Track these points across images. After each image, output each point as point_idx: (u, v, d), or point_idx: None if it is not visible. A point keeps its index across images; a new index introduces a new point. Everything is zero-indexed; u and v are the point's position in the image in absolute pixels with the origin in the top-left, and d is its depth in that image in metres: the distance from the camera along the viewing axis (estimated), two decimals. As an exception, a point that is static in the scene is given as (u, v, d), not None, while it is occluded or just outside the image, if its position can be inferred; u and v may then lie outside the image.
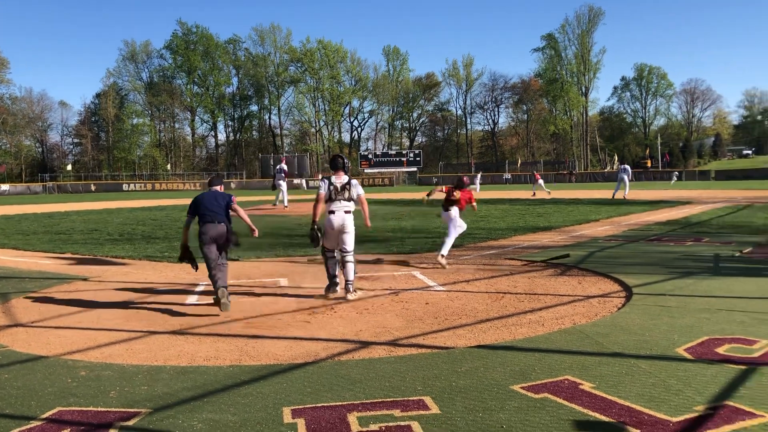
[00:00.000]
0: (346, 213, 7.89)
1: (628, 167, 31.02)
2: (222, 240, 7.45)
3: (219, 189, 7.95)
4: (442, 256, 10.21)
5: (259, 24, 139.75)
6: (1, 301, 8.00)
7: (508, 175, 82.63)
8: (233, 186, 75.86)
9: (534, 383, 4.27)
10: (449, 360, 4.94)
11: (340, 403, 3.98)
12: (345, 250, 7.90)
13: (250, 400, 4.10)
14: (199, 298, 8.04)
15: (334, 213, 7.86)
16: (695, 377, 4.29)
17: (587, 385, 4.18)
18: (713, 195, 32.78)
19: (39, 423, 3.81)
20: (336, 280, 7.99)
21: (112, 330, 6.44)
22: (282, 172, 25.60)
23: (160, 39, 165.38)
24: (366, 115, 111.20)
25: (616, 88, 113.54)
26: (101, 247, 13.41)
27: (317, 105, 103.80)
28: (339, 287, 7.98)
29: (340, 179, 7.97)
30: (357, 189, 8.04)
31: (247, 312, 7.12)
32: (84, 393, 4.34)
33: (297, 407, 3.93)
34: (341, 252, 7.94)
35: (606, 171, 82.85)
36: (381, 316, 6.80)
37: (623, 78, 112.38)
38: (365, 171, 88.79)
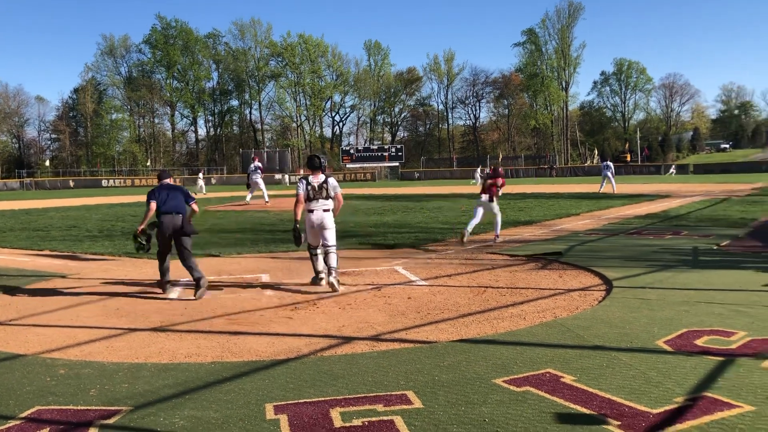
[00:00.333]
0: (324, 211, 8.10)
1: (610, 164, 32.13)
2: (181, 232, 7.97)
3: (170, 182, 8.48)
4: (464, 233, 12.00)
5: (239, 18, 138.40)
6: (-22, 299, 7.88)
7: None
8: (213, 182, 75.22)
9: (516, 377, 4.29)
10: (432, 354, 4.95)
11: (322, 399, 3.97)
12: (327, 244, 8.07)
13: (232, 396, 4.08)
14: (181, 294, 7.98)
15: (313, 212, 8.09)
16: (675, 369, 4.34)
17: (568, 378, 4.21)
18: (691, 189, 33.15)
19: (17, 422, 3.76)
20: (321, 275, 8.23)
21: (91, 327, 6.38)
22: (257, 170, 25.62)
23: (138, 33, 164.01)
24: (347, 110, 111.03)
25: (595, 82, 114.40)
26: (80, 244, 13.26)
27: (298, 100, 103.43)
28: (324, 282, 8.17)
29: (317, 179, 8.17)
30: (334, 186, 8.23)
31: (229, 308, 7.08)
32: (63, 391, 4.29)
33: (279, 403, 3.92)
34: (324, 246, 8.11)
35: (586, 165, 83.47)
36: (363, 311, 6.79)
37: (603, 73, 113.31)
38: (347, 166, 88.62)
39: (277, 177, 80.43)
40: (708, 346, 4.87)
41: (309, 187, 8.10)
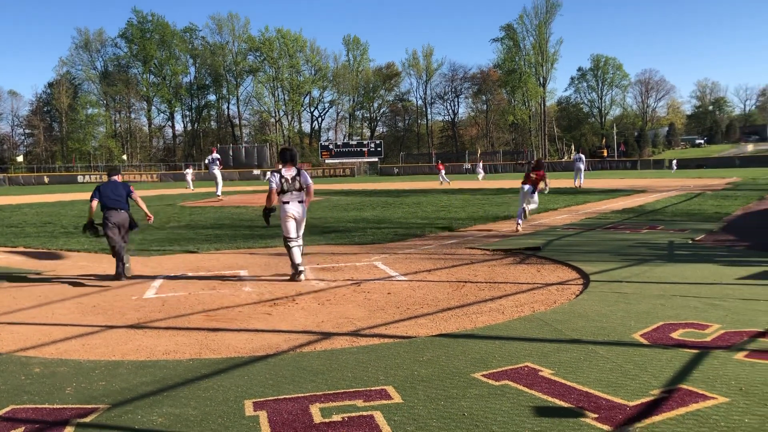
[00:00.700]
0: (299, 202, 8.34)
1: (582, 156, 32.35)
2: (124, 224, 8.75)
3: (117, 179, 9.14)
4: (517, 223, 13.05)
5: (217, 13, 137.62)
6: (-50, 298, 7.74)
7: (468, 165, 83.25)
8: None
9: (495, 371, 4.31)
10: (411, 349, 4.95)
11: (302, 395, 3.96)
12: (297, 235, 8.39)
13: (211, 393, 4.05)
14: (158, 291, 7.90)
15: (288, 203, 8.27)
16: (651, 362, 4.39)
17: (547, 372, 4.24)
18: (667, 184, 33.57)
19: (-9, 422, 3.70)
20: (300, 267, 8.31)
21: (67, 325, 6.29)
22: (215, 162, 25.42)
23: (114, 27, 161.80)
24: (326, 105, 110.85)
25: (573, 78, 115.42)
26: (55, 240, 13.07)
27: (276, 95, 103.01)
28: (304, 276, 8.32)
29: (290, 171, 8.32)
30: (306, 179, 8.39)
31: (207, 305, 7.03)
32: (38, 390, 4.23)
33: (258, 400, 3.90)
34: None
35: (564, 160, 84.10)
36: (343, 306, 6.79)
37: (580, 69, 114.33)
38: (326, 161, 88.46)
39: (256, 172, 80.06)
40: (683, 338, 4.93)
41: (282, 180, 8.25)
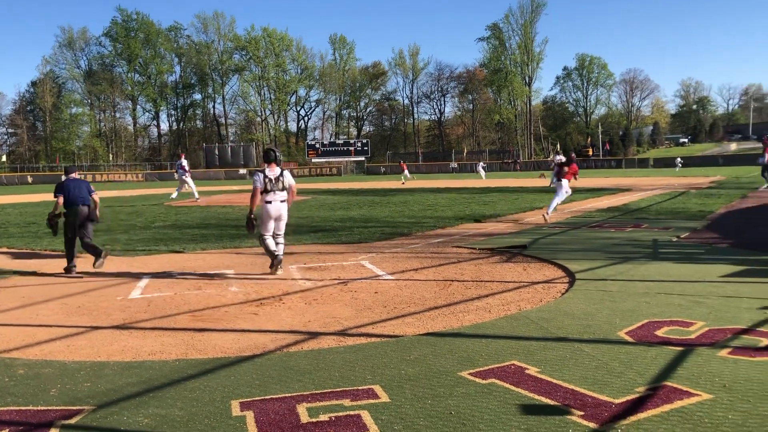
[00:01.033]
0: (281, 202, 8.60)
1: (561, 157, 33.04)
2: (87, 219, 9.25)
3: (75, 176, 9.73)
4: (546, 212, 14.57)
5: (202, 11, 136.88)
6: (-68, 299, 7.65)
7: (454, 164, 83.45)
8: (175, 177, 74.03)
9: (481, 369, 4.32)
10: (398, 348, 4.96)
11: (289, 395, 3.95)
12: (279, 234, 8.75)
13: (197, 394, 4.03)
14: (143, 291, 7.85)
15: (271, 203, 8.53)
16: (636, 359, 4.42)
17: (533, 370, 4.26)
18: (652, 182, 33.82)
19: (-25, 424, 3.66)
20: (276, 253, 8.64)
21: (52, 326, 6.24)
22: (180, 167, 25.49)
23: (98, 26, 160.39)
24: (313, 104, 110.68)
25: (558, 77, 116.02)
26: (39, 241, 12.95)
27: (263, 94, 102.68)
28: (281, 268, 8.69)
29: (273, 171, 8.59)
30: (289, 179, 8.69)
31: (193, 305, 7.00)
32: (23, 392, 4.19)
33: (245, 400, 3.89)
34: (275, 236, 8.72)
35: (549, 159, 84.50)
36: (330, 306, 6.78)
37: (565, 68, 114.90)
38: (313, 161, 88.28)
39: (242, 171, 79.77)
40: (668, 336, 4.97)
41: (266, 180, 8.49)
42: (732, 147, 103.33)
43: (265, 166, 8.65)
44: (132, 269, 9.35)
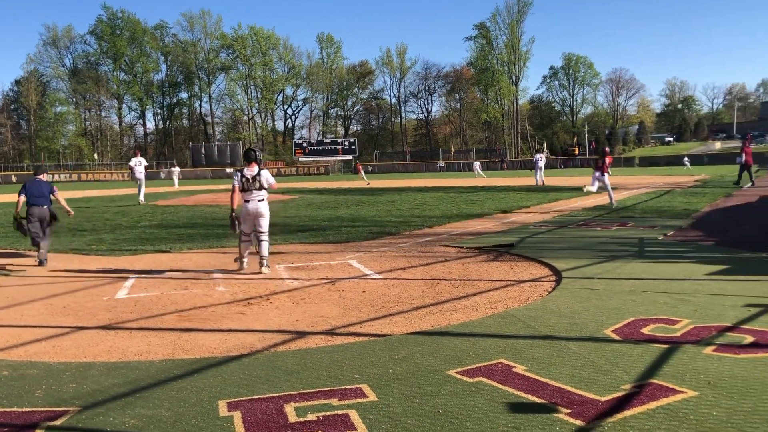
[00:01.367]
0: (259, 201, 8.77)
1: (543, 156, 34.33)
2: (46, 219, 9.99)
3: (42, 177, 10.33)
4: (613, 203, 17.53)
5: (188, 10, 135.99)
6: None
7: (442, 163, 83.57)
8: (162, 176, 73.63)
9: (469, 367, 4.33)
10: (386, 347, 4.96)
11: (276, 395, 3.94)
12: (260, 231, 8.82)
13: (184, 394, 4.01)
14: (130, 291, 7.80)
15: (249, 202, 8.76)
16: (622, 357, 4.45)
17: (520, 368, 4.28)
18: (637, 181, 34.02)
19: (-42, 426, 3.63)
20: (244, 260, 8.96)
21: (36, 327, 6.19)
22: (137, 165, 25.25)
23: (83, 24, 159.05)
24: (300, 103, 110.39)
25: (545, 77, 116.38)
26: (24, 241, 12.79)
27: (249, 92, 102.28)
28: (245, 267, 8.92)
29: (251, 171, 8.78)
30: (267, 178, 8.84)
31: (180, 305, 6.96)
32: (7, 393, 4.15)
33: (233, 400, 3.87)
34: (257, 233, 8.83)
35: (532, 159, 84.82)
36: (317, 305, 6.77)
37: (552, 67, 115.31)
38: (300, 160, 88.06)
39: (228, 171, 79.41)
40: (654, 334, 5.01)
41: (243, 179, 8.72)
42: (717, 146, 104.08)
43: (246, 165, 8.89)
44: (118, 269, 9.29)
